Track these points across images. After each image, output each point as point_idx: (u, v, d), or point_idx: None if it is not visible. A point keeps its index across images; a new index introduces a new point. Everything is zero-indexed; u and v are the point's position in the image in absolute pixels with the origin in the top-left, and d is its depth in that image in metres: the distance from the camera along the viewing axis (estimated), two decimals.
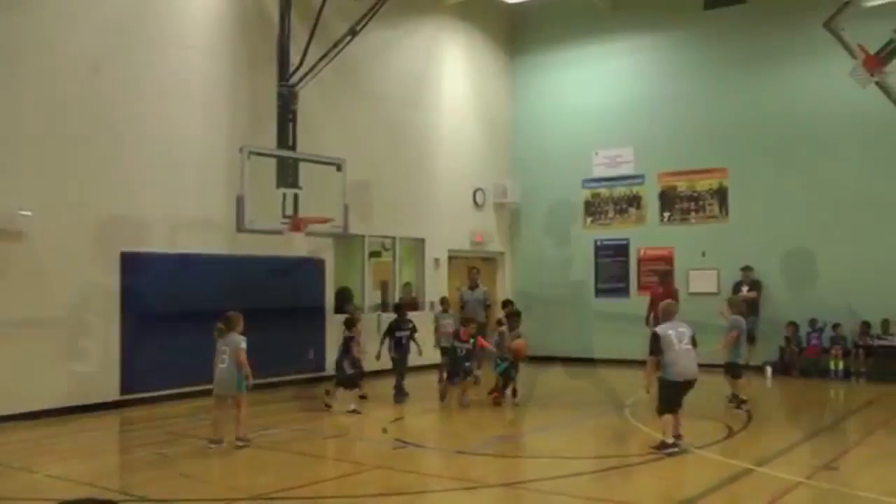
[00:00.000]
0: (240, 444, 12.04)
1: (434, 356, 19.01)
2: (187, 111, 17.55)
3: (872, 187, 20.80)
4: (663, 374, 11.99)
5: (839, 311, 20.64)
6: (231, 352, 12.22)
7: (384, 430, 13.72)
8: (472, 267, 21.69)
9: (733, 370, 15.70)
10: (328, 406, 15.70)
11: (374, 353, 17.51)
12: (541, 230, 25.71)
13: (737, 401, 15.49)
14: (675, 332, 12.05)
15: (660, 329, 12.24)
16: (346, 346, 16.00)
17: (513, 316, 17.12)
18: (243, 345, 12.24)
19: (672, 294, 21.46)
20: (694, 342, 12.24)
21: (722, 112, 23.01)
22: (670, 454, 11.56)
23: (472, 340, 16.73)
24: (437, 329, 19.39)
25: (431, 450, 12.74)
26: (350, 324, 16.41)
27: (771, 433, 13.99)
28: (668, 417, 11.86)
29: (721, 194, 23.09)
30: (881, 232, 20.66)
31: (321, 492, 10.22)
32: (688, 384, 12.06)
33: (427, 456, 12.35)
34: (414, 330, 17.83)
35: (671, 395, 11.95)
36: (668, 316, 12.54)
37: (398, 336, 17.56)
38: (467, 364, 16.63)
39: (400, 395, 17.19)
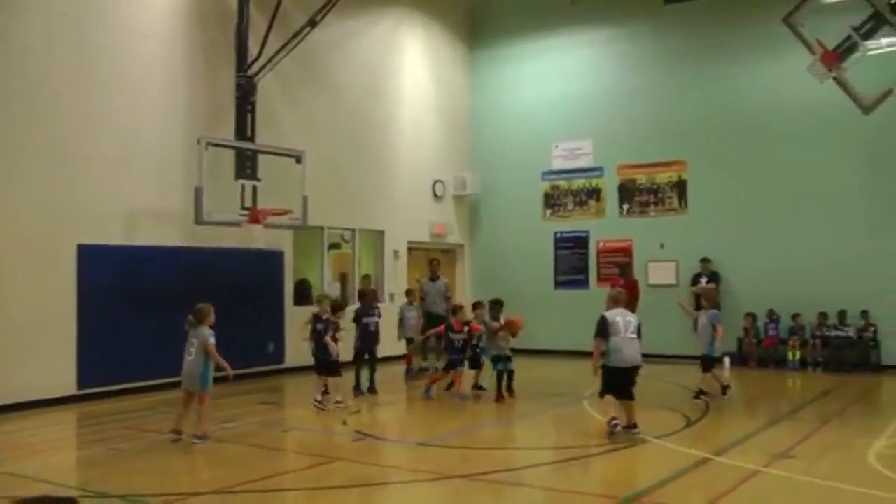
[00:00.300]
0: (196, 441, 11.90)
1: (397, 348, 19.05)
2: (144, 101, 17.36)
3: (830, 180, 21.01)
4: (606, 360, 12.25)
5: (798, 303, 20.91)
6: (198, 345, 12.11)
7: (344, 423, 13.69)
8: (433, 259, 21.70)
9: (706, 363, 15.93)
10: (339, 402, 15.03)
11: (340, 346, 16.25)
12: (500, 222, 25.78)
13: (698, 391, 15.74)
14: (622, 320, 12.29)
15: (608, 314, 12.48)
16: (325, 330, 15.20)
17: (495, 305, 16.78)
18: (212, 339, 12.10)
19: (633, 286, 21.78)
20: (639, 332, 12.46)
21: (681, 105, 23.15)
22: (615, 428, 11.95)
23: (465, 329, 16.41)
24: (401, 322, 19.35)
25: (392, 442, 12.73)
26: (337, 307, 15.70)
27: (729, 423, 14.11)
28: (608, 398, 12.28)
29: (680, 187, 23.23)
30: (839, 224, 20.89)
31: (281, 484, 10.18)
32: (632, 370, 12.30)
33: (387, 448, 12.35)
34: (379, 315, 17.19)
35: (613, 381, 12.26)
36: (616, 304, 12.74)
37: (366, 323, 16.76)
38: (456, 357, 16.35)
39: (370, 390, 16.58)
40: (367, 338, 16.85)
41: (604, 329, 12.27)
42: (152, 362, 16.55)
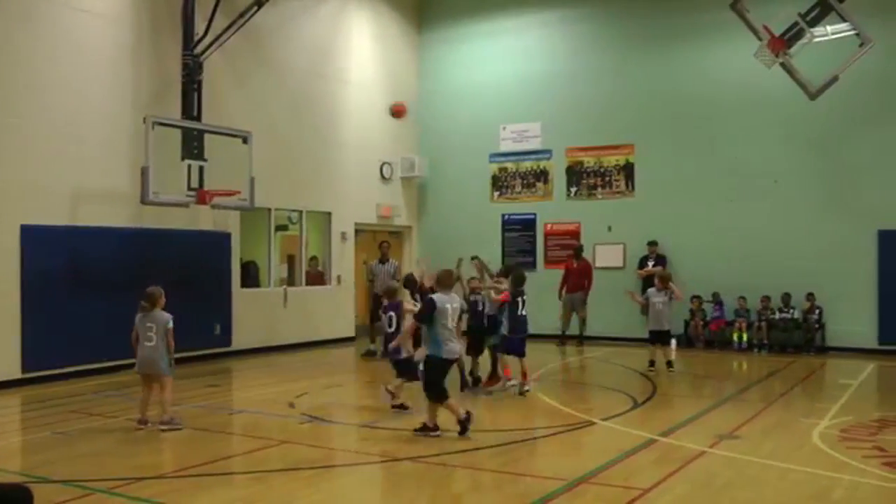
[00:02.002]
0: (163, 427, 11.72)
1: (343, 330, 18.96)
2: (90, 79, 17.08)
3: (775, 164, 21.25)
4: (432, 351, 11.32)
5: (744, 285, 21.16)
6: (158, 330, 11.86)
7: (291, 405, 13.63)
8: (383, 241, 21.65)
9: (650, 338, 17.76)
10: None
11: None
12: (448, 204, 25.74)
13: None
14: (451, 307, 11.31)
15: (438, 299, 11.35)
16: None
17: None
18: (171, 325, 11.92)
19: (587, 269, 22.10)
20: (461, 317, 11.81)
21: (629, 88, 23.24)
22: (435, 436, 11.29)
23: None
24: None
25: (338, 424, 12.67)
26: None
27: (675, 404, 14.27)
28: (434, 405, 11.36)
29: (627, 170, 23.34)
30: (782, 208, 21.16)
31: (227, 468, 10.13)
32: (453, 363, 11.61)
33: (334, 430, 12.29)
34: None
35: (439, 375, 11.39)
36: (443, 286, 11.66)
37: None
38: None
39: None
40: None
41: (428, 314, 11.20)
42: (99, 345, 16.40)
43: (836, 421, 12.21)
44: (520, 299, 14.56)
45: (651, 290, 17.73)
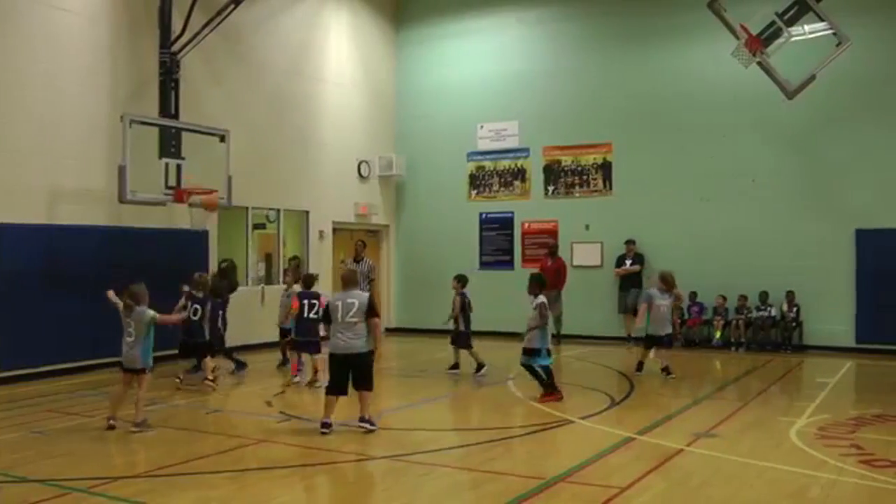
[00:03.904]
0: (135, 430, 11.66)
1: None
2: (66, 77, 16.97)
3: (752, 163, 21.30)
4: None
5: (722, 284, 21.22)
6: (137, 327, 11.79)
7: (268, 404, 13.59)
8: (359, 240, 21.62)
9: (647, 341, 17.01)
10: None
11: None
12: (426, 203, 25.73)
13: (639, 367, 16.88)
14: (342, 304, 11.58)
15: (332, 298, 12.06)
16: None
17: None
18: (151, 311, 11.92)
19: (561, 267, 22.08)
20: (371, 309, 11.72)
21: (607, 87, 23.26)
22: (326, 429, 11.49)
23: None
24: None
25: (315, 423, 12.62)
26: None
27: (652, 403, 14.26)
28: (329, 399, 11.66)
29: (605, 168, 23.36)
30: (759, 207, 21.21)
31: (204, 467, 10.06)
32: (352, 358, 11.60)
33: (311, 429, 12.23)
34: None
35: (332, 371, 11.72)
36: (344, 284, 12.03)
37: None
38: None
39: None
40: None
41: (326, 314, 11.85)
42: (75, 344, 16.29)
43: (814, 419, 12.27)
44: (305, 303, 15.52)
45: (654, 292, 16.88)
